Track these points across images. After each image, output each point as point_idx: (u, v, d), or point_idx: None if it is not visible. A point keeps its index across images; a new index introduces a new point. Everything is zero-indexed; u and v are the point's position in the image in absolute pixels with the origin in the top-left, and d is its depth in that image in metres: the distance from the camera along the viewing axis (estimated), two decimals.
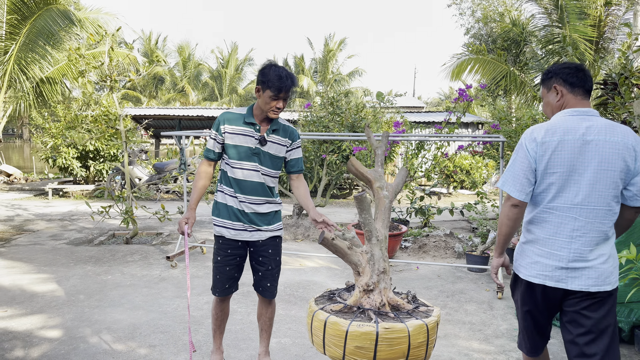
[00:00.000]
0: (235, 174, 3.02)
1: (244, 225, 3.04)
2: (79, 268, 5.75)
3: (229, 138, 3.01)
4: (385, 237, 2.75)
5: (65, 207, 10.32)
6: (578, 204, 2.28)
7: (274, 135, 3.03)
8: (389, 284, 2.69)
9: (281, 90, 2.88)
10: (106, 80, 6.43)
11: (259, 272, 3.16)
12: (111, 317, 4.27)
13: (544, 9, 13.35)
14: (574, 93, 2.39)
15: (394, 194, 2.81)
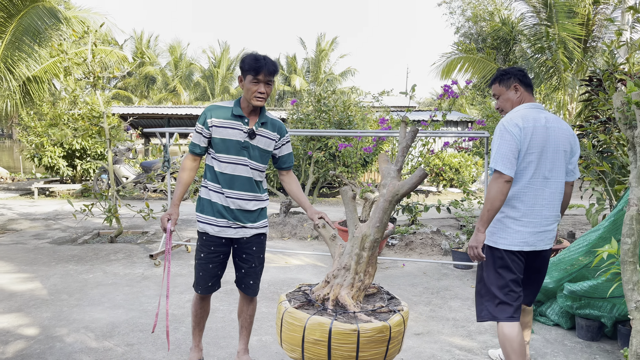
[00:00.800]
0: (222, 169, 2.93)
1: (228, 222, 2.98)
2: (61, 267, 5.66)
3: (216, 131, 2.91)
4: (367, 236, 2.67)
5: (51, 206, 10.20)
6: (548, 178, 2.81)
7: (262, 128, 2.96)
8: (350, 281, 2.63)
9: (259, 70, 2.78)
10: (89, 76, 6.34)
11: (242, 269, 3.11)
12: (90, 315, 4.20)
13: (533, 8, 13.38)
14: (528, 91, 2.95)
15: (393, 194, 2.60)
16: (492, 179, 2.76)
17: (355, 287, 2.66)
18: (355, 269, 2.69)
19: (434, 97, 48.54)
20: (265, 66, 2.81)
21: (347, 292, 2.64)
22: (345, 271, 2.74)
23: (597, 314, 3.76)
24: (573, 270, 3.90)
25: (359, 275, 2.67)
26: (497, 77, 3.03)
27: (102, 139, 6.50)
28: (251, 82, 2.81)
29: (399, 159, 2.69)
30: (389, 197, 2.63)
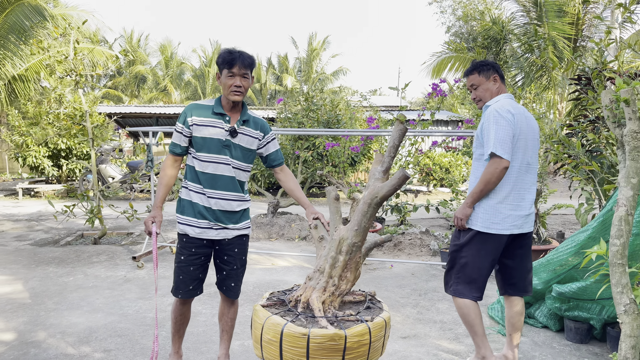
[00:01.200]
0: (204, 168, 2.84)
1: (209, 223, 2.88)
2: (41, 270, 5.53)
3: (197, 130, 2.82)
4: (345, 239, 2.57)
5: (35, 207, 10.02)
6: (530, 164, 3.00)
7: (244, 127, 2.87)
8: (323, 285, 2.54)
9: (233, 63, 2.70)
10: (71, 75, 6.20)
11: (223, 271, 3.01)
12: (68, 320, 4.07)
13: (523, 7, 13.36)
14: (503, 83, 3.11)
15: (372, 196, 2.48)
16: (491, 163, 2.86)
17: (328, 292, 2.57)
18: (329, 272, 2.60)
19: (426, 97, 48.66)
20: (239, 58, 2.73)
21: (318, 296, 2.55)
22: (319, 274, 2.66)
23: (585, 316, 3.70)
24: (562, 272, 3.83)
25: (332, 279, 2.58)
26: (476, 67, 3.07)
27: (85, 139, 6.34)
28: (227, 76, 2.74)
29: (385, 159, 2.60)
30: (368, 200, 2.52)
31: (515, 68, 14.73)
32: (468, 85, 3.16)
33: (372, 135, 6.01)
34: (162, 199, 2.97)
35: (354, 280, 2.65)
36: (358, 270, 2.67)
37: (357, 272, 2.67)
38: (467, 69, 3.16)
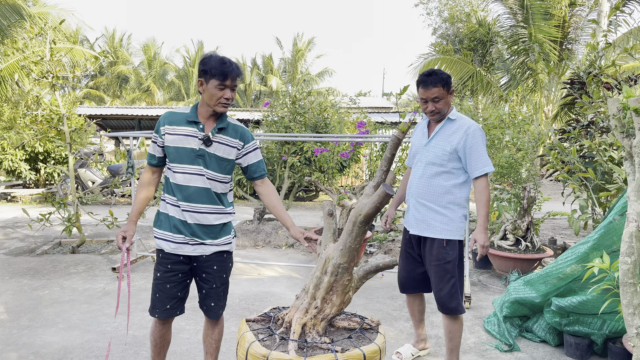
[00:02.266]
0: (176, 179, 2.66)
1: (185, 238, 2.68)
2: (14, 282, 5.25)
3: (169, 139, 2.65)
4: (330, 259, 2.40)
5: (11, 213, 9.66)
6: None
7: (221, 135, 2.66)
8: (305, 306, 2.40)
9: (227, 75, 2.53)
10: (47, 76, 5.92)
11: (203, 290, 2.82)
12: (41, 339, 3.82)
13: (509, 9, 13.33)
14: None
15: (356, 215, 2.30)
16: (484, 180, 3.03)
17: (310, 314, 2.40)
18: (312, 293, 2.43)
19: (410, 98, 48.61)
20: (233, 70, 2.56)
21: (298, 318, 2.40)
22: (304, 294, 2.50)
23: (586, 331, 3.56)
24: (560, 284, 3.69)
25: (315, 301, 2.41)
26: (442, 80, 3.02)
27: (62, 143, 6.07)
28: (217, 87, 2.55)
29: (377, 173, 2.42)
30: (353, 218, 2.35)
31: (501, 70, 14.71)
32: (428, 97, 3.03)
33: (362, 141, 5.84)
34: (138, 213, 2.82)
35: (341, 305, 2.46)
36: (347, 294, 2.47)
37: (346, 296, 2.47)
38: (428, 80, 3.02)
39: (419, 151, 3.19)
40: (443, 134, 3.09)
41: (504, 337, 3.85)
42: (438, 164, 3.07)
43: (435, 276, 3.11)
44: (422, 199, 3.13)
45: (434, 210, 3.10)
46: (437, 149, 3.08)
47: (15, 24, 12.21)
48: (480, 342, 3.86)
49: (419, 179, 3.14)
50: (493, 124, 6.75)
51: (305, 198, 12.20)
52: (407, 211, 3.26)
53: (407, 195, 3.24)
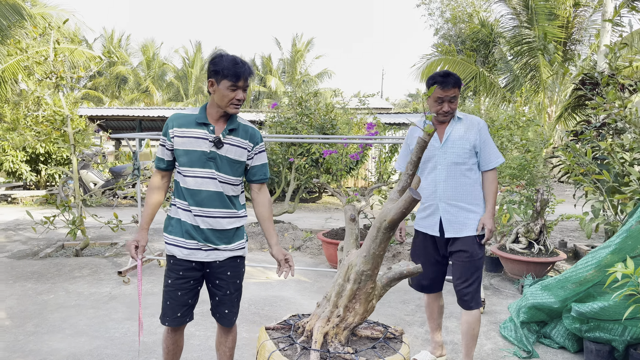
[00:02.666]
0: (187, 183, 2.57)
1: (198, 243, 2.59)
2: (19, 286, 5.15)
3: (178, 142, 2.56)
4: (353, 266, 2.31)
5: (12, 215, 9.56)
6: None
7: (231, 136, 2.58)
8: (327, 314, 2.32)
9: (239, 76, 2.45)
10: (51, 77, 5.83)
11: (216, 297, 2.73)
12: (48, 345, 3.73)
13: (512, 10, 13.26)
14: None
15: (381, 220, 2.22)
16: (495, 173, 3.16)
17: (332, 323, 2.31)
18: (335, 301, 2.35)
19: (409, 99, 48.50)
20: (245, 71, 2.48)
21: (319, 326, 2.31)
22: (326, 302, 2.41)
23: (607, 337, 3.48)
24: (580, 290, 3.61)
25: (338, 309, 2.33)
26: (458, 81, 3.05)
27: (65, 145, 5.98)
28: (229, 88, 2.47)
29: (402, 177, 2.33)
30: (377, 224, 2.26)
31: (504, 71, 14.65)
32: (446, 97, 3.02)
33: (371, 142, 5.76)
34: (148, 221, 2.72)
35: (364, 314, 2.38)
36: (370, 302, 2.38)
37: (369, 304, 2.38)
38: (447, 81, 3.02)
39: (434, 154, 3.14)
40: (457, 133, 3.10)
41: (521, 344, 3.77)
42: (461, 162, 3.09)
43: (465, 272, 3.10)
44: (453, 200, 3.11)
45: (466, 210, 3.11)
46: (457, 148, 3.09)
47: (16, 24, 12.12)
48: (498, 349, 3.78)
49: (445, 181, 3.10)
50: (501, 124, 6.68)
51: (308, 199, 12.11)
52: (430, 216, 3.20)
53: (430, 199, 3.17)
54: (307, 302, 4.78)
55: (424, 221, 3.25)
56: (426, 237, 3.26)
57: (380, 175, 5.76)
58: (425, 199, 3.21)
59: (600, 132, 5.54)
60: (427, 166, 3.20)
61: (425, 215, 3.24)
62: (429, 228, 3.21)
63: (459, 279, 3.13)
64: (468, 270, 3.10)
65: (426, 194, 3.19)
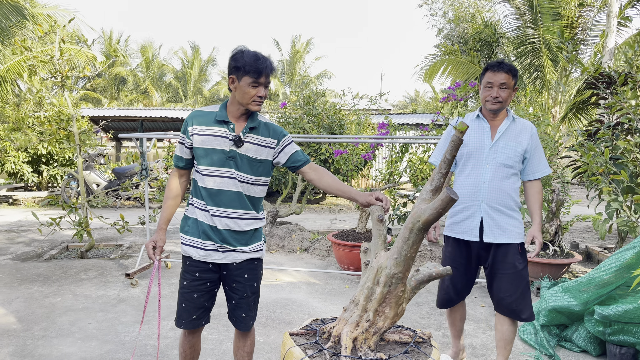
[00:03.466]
0: (205, 183, 2.48)
1: (215, 244, 2.51)
2: (24, 288, 5.06)
3: (197, 141, 2.48)
4: (383, 269, 2.23)
5: (14, 216, 9.45)
6: None
7: (252, 134, 2.49)
8: (356, 319, 2.23)
9: (261, 72, 2.36)
10: (57, 76, 5.73)
11: (233, 300, 2.64)
12: (58, 350, 3.64)
13: (516, 10, 13.21)
14: None
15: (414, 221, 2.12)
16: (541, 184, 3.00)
17: (361, 327, 2.23)
18: (364, 305, 2.26)
19: (407, 100, 48.45)
20: (267, 67, 2.39)
21: (348, 331, 2.22)
22: (354, 306, 2.32)
23: (632, 340, 3.40)
24: (603, 292, 3.54)
25: (367, 313, 2.24)
26: (512, 70, 2.86)
27: (71, 145, 5.88)
28: (250, 84, 2.38)
29: (434, 176, 2.24)
30: (410, 224, 2.17)
31: None
32: (495, 82, 2.84)
33: (382, 142, 5.68)
34: (167, 220, 2.63)
35: (394, 318, 2.30)
36: (400, 306, 2.30)
37: (399, 308, 2.30)
38: (498, 65, 2.86)
39: (482, 151, 2.92)
40: (510, 134, 2.92)
41: (542, 347, 3.69)
42: (510, 165, 2.90)
43: (510, 284, 2.91)
44: (496, 203, 2.91)
45: (507, 215, 2.91)
46: (509, 149, 2.89)
47: (17, 24, 12.02)
48: (518, 352, 3.70)
49: (490, 182, 2.90)
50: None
51: (312, 200, 12.02)
52: (468, 219, 2.96)
53: (469, 200, 2.95)
54: (320, 305, 4.70)
55: (459, 226, 3.01)
56: (460, 244, 3.03)
57: (391, 176, 5.69)
58: (462, 200, 2.97)
59: (615, 131, 5.48)
60: (468, 164, 2.97)
61: (461, 219, 2.99)
62: (466, 233, 2.97)
63: (506, 293, 2.92)
64: (514, 282, 2.90)
65: (465, 195, 2.96)
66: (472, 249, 2.99)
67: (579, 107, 11.90)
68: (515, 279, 2.89)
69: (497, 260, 2.94)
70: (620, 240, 5.91)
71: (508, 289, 2.91)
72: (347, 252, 5.62)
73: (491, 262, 2.96)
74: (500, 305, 2.97)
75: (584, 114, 12.38)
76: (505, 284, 2.91)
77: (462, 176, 2.99)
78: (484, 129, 2.95)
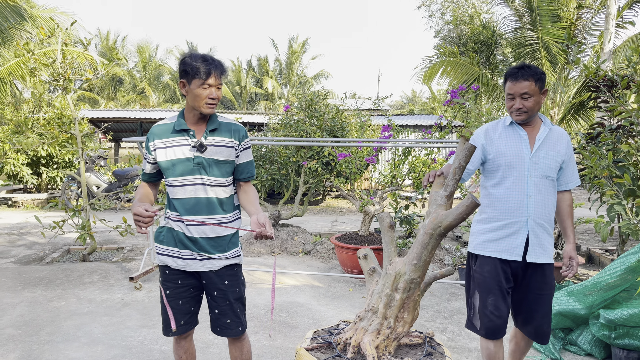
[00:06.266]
0: (177, 194, 2.46)
1: (192, 253, 2.47)
2: (28, 292, 5.05)
3: (161, 155, 2.45)
4: (402, 274, 2.24)
5: (14, 218, 9.43)
6: None
7: (213, 137, 2.47)
8: (376, 327, 2.23)
9: (210, 72, 2.35)
10: (59, 79, 5.73)
11: (216, 310, 2.56)
12: (65, 355, 3.64)
13: (515, 11, 13.25)
14: None
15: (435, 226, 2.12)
16: (571, 195, 2.83)
17: (382, 335, 2.24)
18: (384, 313, 2.27)
19: (404, 101, 48.51)
20: (216, 67, 2.38)
21: (370, 340, 2.23)
22: (372, 314, 2.33)
23: (637, 344, 3.42)
24: (607, 296, 3.56)
25: (388, 320, 2.25)
26: (535, 74, 2.58)
27: (73, 147, 5.88)
28: (200, 87, 2.37)
29: (448, 182, 2.26)
30: (430, 230, 2.18)
31: None
32: (516, 93, 2.60)
33: (385, 146, 5.70)
34: (144, 195, 2.55)
35: (412, 322, 2.32)
36: (416, 309, 2.33)
37: (416, 312, 2.33)
38: (518, 73, 2.61)
39: (523, 162, 2.65)
40: (549, 143, 2.68)
41: (548, 351, 3.71)
42: (551, 177, 2.67)
43: (547, 305, 2.70)
44: (541, 219, 2.65)
45: (547, 232, 2.69)
46: (549, 160, 2.66)
47: (16, 25, 11.99)
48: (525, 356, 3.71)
49: (536, 196, 2.63)
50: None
51: (312, 202, 12.03)
52: (510, 236, 2.66)
53: (513, 215, 2.65)
54: (324, 308, 4.71)
55: (498, 243, 2.68)
56: (498, 263, 2.69)
57: (393, 178, 5.70)
58: (504, 215, 2.67)
59: (616, 134, 5.50)
60: (510, 175, 2.67)
61: (502, 236, 2.68)
62: (508, 252, 2.66)
63: (542, 315, 2.70)
64: (546, 303, 2.70)
65: (508, 209, 2.67)
66: (511, 270, 2.70)
67: (577, 109, 11.94)
68: (548, 300, 2.71)
69: (535, 280, 2.69)
70: (621, 243, 5.94)
71: (544, 310, 2.71)
72: (350, 255, 5.63)
73: (527, 282, 2.72)
74: (529, 326, 2.75)
75: (583, 115, 12.43)
76: (543, 306, 2.70)
77: (501, 188, 2.70)
78: (521, 137, 2.70)
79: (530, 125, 2.71)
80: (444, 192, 2.26)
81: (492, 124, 2.84)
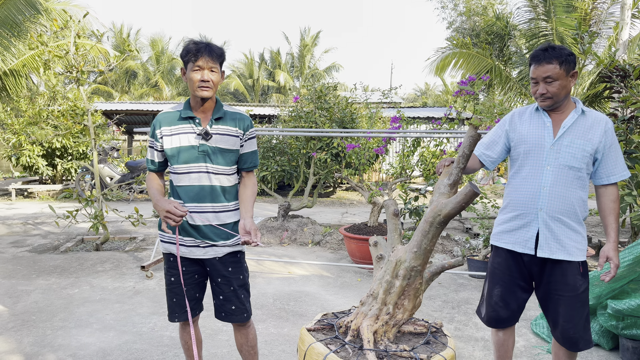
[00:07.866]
0: (181, 181, 2.49)
1: (195, 240, 2.51)
2: (42, 280, 5.16)
3: (167, 142, 2.49)
4: (402, 262, 2.26)
5: (30, 209, 9.60)
6: None
7: (219, 125, 2.50)
8: (375, 312, 2.26)
9: (199, 52, 2.37)
10: (72, 71, 5.80)
11: (220, 296, 2.60)
12: (77, 340, 3.72)
13: (529, 2, 13.10)
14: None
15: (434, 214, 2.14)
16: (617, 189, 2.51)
17: (381, 321, 2.27)
18: (383, 299, 2.29)
19: (417, 94, 48.23)
20: (205, 49, 2.39)
21: (369, 325, 2.26)
22: (372, 299, 2.36)
23: None
24: (615, 286, 3.55)
25: (387, 307, 2.28)
26: (559, 56, 2.38)
27: (86, 139, 5.97)
28: (192, 70, 2.40)
29: (452, 171, 2.26)
30: (430, 218, 2.19)
31: (519, 65, 14.50)
32: (539, 76, 2.43)
33: (394, 136, 5.70)
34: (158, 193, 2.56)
35: (413, 310, 2.34)
36: (418, 298, 2.35)
37: (417, 300, 2.35)
38: (541, 55, 2.43)
39: (542, 150, 2.50)
40: (578, 130, 2.46)
41: None
42: (576, 167, 2.45)
43: (570, 308, 2.49)
44: (558, 212, 2.46)
45: (570, 228, 2.48)
46: (575, 148, 2.44)
47: (31, 18, 12.13)
48: (530, 346, 3.72)
49: (552, 187, 2.46)
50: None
51: (322, 194, 12.06)
52: (522, 228, 2.56)
53: (525, 207, 2.54)
54: (332, 297, 4.75)
55: (511, 235, 2.60)
56: (510, 255, 2.61)
57: (403, 170, 5.70)
58: (517, 206, 2.57)
59: (629, 125, 5.44)
60: (526, 164, 2.55)
61: (514, 227, 2.58)
62: (519, 244, 2.56)
63: (564, 318, 2.51)
64: (573, 307, 2.48)
65: (520, 200, 2.55)
66: (524, 263, 2.59)
67: (592, 100, 11.81)
68: (575, 302, 2.48)
69: (553, 280, 2.52)
70: (633, 234, 5.89)
71: (566, 314, 2.51)
72: (358, 246, 5.66)
73: (547, 280, 2.55)
74: (556, 330, 2.58)
75: (597, 107, 12.29)
76: (564, 308, 2.51)
77: (517, 178, 2.58)
78: (544, 123, 2.53)
79: (558, 111, 2.52)
80: (448, 180, 2.27)
81: (519, 110, 2.70)
